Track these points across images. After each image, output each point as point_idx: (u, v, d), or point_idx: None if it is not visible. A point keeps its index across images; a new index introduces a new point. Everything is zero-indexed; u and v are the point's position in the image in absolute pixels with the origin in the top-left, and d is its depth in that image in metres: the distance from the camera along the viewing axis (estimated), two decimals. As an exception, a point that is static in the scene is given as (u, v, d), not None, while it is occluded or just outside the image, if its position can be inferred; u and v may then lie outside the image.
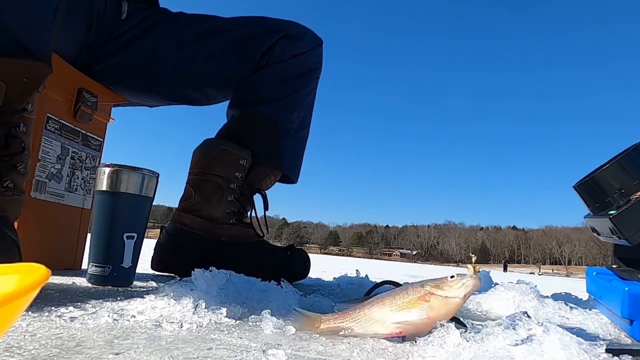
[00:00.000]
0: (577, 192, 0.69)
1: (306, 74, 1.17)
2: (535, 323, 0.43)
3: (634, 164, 0.62)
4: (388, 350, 0.46)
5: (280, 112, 1.12)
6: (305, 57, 1.16)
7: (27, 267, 0.26)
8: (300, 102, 1.16)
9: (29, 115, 0.70)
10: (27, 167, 0.70)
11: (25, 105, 0.68)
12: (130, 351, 0.39)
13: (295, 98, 1.15)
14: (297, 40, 1.15)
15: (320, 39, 1.21)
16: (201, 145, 1.08)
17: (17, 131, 0.68)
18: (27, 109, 0.69)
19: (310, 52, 1.17)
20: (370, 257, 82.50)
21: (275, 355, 0.39)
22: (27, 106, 0.69)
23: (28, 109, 0.69)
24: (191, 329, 0.49)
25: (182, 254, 1.02)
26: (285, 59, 1.13)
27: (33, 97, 0.70)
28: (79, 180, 0.99)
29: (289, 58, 1.13)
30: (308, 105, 1.19)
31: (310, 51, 1.17)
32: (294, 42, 1.14)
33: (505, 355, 0.40)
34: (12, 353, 0.36)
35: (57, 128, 0.91)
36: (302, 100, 1.17)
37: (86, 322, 0.48)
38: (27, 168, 0.70)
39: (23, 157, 0.69)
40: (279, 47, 1.13)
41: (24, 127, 0.69)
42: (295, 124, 1.15)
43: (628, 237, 0.60)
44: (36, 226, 0.88)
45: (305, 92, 1.17)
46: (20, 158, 0.68)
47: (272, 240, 12.08)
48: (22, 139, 0.69)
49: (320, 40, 1.21)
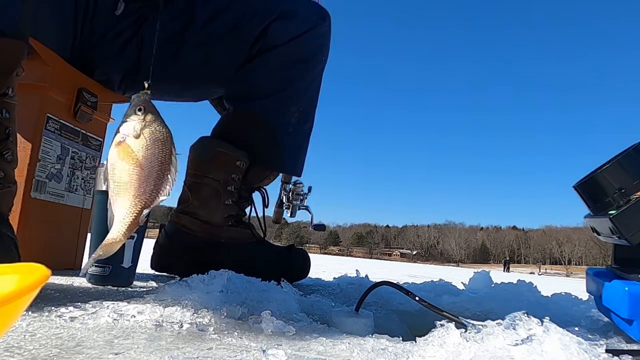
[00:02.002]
0: (577, 192, 0.69)
1: (308, 58, 1.02)
2: (535, 323, 0.43)
3: (634, 164, 0.62)
4: (388, 350, 0.46)
5: (276, 108, 1.02)
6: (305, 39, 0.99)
7: (27, 267, 0.26)
8: (299, 93, 1.03)
9: (10, 101, 0.66)
10: (14, 155, 0.67)
11: (5, 90, 0.64)
12: (130, 351, 0.39)
13: (294, 90, 1.02)
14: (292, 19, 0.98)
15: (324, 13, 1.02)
16: (196, 144, 1.03)
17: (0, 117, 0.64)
18: (8, 93, 0.65)
19: (310, 33, 1.00)
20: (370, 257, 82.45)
21: (275, 355, 0.39)
22: (7, 90, 0.65)
23: (9, 94, 0.65)
24: (191, 329, 0.49)
25: (182, 255, 1.02)
26: (281, 43, 0.98)
27: (12, 80, 0.65)
28: (79, 180, 0.99)
29: (285, 42, 0.98)
30: (311, 95, 1.06)
31: (311, 31, 0.99)
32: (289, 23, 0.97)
33: (505, 355, 0.40)
34: (12, 353, 0.36)
35: (57, 128, 0.91)
36: (302, 91, 1.04)
37: (86, 322, 0.48)
38: (14, 155, 0.67)
39: (9, 144, 0.66)
40: (272, 31, 0.97)
41: (6, 113, 0.65)
42: (294, 118, 1.04)
43: (628, 237, 0.60)
44: (36, 226, 0.88)
45: (306, 81, 1.04)
46: (5, 145, 0.65)
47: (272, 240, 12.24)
48: (5, 125, 0.65)
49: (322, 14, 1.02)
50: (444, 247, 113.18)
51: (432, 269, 12.01)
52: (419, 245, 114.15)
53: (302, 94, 1.05)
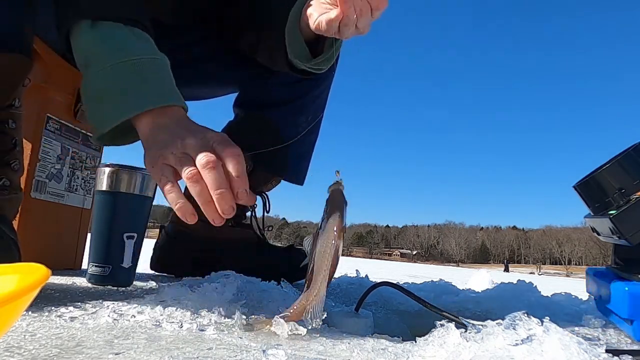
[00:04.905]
0: (577, 192, 0.69)
1: None
2: (535, 323, 0.43)
3: (634, 164, 0.62)
4: (388, 350, 0.46)
5: (286, 116, 1.06)
6: None
7: (27, 267, 0.26)
8: (308, 105, 1.08)
9: (17, 111, 0.67)
10: (21, 164, 0.69)
11: (12, 102, 0.66)
12: (130, 351, 0.39)
13: (303, 102, 1.07)
14: None
15: None
16: None
17: (6, 128, 0.66)
18: (14, 104, 0.67)
19: None
20: (371, 257, 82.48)
21: (275, 355, 0.39)
22: (14, 102, 0.66)
23: (15, 105, 0.67)
24: (191, 329, 0.49)
25: (182, 255, 1.02)
26: None
27: (19, 92, 0.67)
28: (79, 180, 0.99)
29: None
30: (318, 107, 1.11)
31: None
32: None
33: (505, 355, 0.40)
34: (12, 353, 0.36)
35: (57, 128, 0.91)
36: (310, 102, 1.09)
37: (86, 322, 0.48)
38: (21, 165, 0.69)
39: (15, 153, 0.67)
40: None
41: (13, 123, 0.66)
42: (302, 127, 1.08)
43: (628, 237, 0.60)
44: (36, 226, 0.88)
45: (314, 93, 1.08)
46: (12, 155, 0.67)
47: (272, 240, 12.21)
48: (12, 135, 0.67)
49: None
50: (444, 247, 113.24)
51: (432, 269, 12.02)
52: (419, 245, 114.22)
53: (310, 105, 1.09)
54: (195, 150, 0.52)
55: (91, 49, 0.57)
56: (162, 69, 0.59)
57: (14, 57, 0.61)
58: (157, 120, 0.55)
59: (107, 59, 0.56)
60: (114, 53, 0.56)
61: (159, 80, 0.58)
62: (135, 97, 0.55)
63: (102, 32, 0.57)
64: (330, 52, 0.76)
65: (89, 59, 0.57)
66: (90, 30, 0.57)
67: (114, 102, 0.55)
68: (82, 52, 0.58)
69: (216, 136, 0.54)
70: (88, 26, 0.57)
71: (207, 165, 0.51)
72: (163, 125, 0.55)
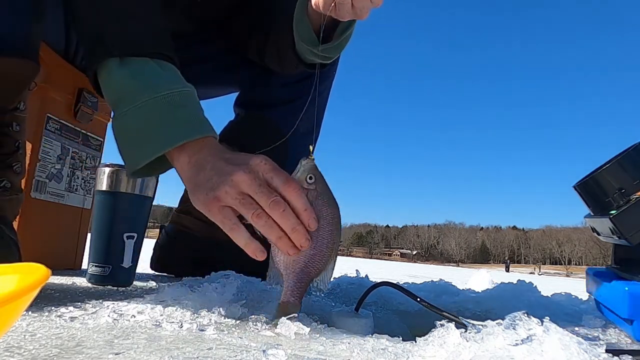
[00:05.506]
0: (577, 192, 0.69)
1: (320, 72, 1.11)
2: (535, 323, 0.43)
3: (634, 164, 0.62)
4: (388, 350, 0.46)
5: (286, 116, 1.06)
6: None
7: (27, 267, 0.26)
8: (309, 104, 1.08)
9: (21, 114, 0.68)
10: (23, 166, 0.70)
11: (17, 105, 0.67)
12: (130, 351, 0.39)
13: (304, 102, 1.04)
14: None
15: None
16: None
17: (10, 130, 0.67)
18: (19, 107, 0.68)
19: None
20: (371, 257, 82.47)
21: (275, 355, 0.39)
22: (19, 105, 0.67)
23: (20, 108, 0.68)
24: (191, 329, 0.49)
25: (182, 255, 1.02)
26: None
27: (24, 96, 0.68)
28: (79, 180, 0.99)
29: None
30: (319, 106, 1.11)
31: None
32: None
33: (505, 355, 0.40)
34: (12, 353, 0.36)
35: (57, 128, 0.91)
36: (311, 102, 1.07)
37: (86, 322, 0.48)
38: (23, 167, 0.70)
39: (18, 156, 0.68)
40: None
41: (17, 126, 0.67)
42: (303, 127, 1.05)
43: (628, 237, 0.60)
44: (36, 226, 0.88)
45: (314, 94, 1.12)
46: (15, 157, 0.68)
47: (272, 240, 11.94)
48: (15, 138, 0.68)
49: None
50: (444, 247, 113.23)
51: (432, 269, 12.01)
52: (419, 245, 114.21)
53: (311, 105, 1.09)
54: (251, 188, 0.52)
55: (122, 87, 0.58)
56: (191, 100, 0.60)
57: (22, 62, 0.62)
58: (194, 155, 0.56)
59: (139, 96, 0.56)
60: (145, 90, 0.57)
61: (191, 112, 0.59)
62: (170, 132, 0.56)
63: (131, 69, 0.58)
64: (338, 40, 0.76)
65: (121, 97, 0.58)
66: (119, 69, 0.58)
67: (149, 138, 0.56)
68: (113, 90, 0.59)
69: (261, 164, 0.54)
70: (116, 64, 0.58)
71: (275, 208, 0.51)
72: (202, 160, 0.55)
